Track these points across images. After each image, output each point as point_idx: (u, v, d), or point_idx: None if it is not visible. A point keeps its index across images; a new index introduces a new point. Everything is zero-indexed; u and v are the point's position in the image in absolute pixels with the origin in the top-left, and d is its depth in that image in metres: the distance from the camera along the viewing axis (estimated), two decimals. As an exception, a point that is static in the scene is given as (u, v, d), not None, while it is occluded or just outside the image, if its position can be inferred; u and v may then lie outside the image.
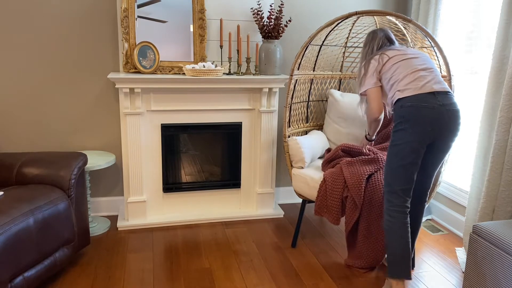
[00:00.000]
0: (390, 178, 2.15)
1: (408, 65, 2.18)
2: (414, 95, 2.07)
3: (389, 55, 2.26)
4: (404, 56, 2.23)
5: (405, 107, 2.08)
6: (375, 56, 2.30)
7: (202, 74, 2.84)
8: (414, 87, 2.09)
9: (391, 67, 2.22)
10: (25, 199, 2.13)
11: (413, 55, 2.24)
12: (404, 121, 2.08)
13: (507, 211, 2.40)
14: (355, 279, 2.45)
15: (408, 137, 2.06)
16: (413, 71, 2.14)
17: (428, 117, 2.04)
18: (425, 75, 2.13)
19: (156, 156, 3.06)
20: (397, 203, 2.14)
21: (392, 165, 2.13)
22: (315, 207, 2.62)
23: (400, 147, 2.09)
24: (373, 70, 2.28)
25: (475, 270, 2.05)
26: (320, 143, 3.00)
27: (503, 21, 2.40)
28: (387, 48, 2.34)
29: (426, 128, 2.04)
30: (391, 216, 2.15)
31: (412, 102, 2.06)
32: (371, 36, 2.43)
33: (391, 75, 2.21)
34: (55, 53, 2.93)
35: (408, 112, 2.06)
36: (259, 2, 3.06)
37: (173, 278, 2.42)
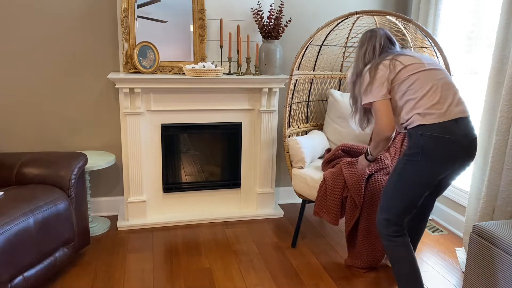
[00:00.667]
0: (392, 207, 1.98)
1: (427, 78, 1.90)
2: (438, 124, 1.82)
3: (404, 62, 1.96)
4: (421, 66, 1.94)
5: (426, 136, 1.83)
6: (385, 61, 1.98)
7: (202, 74, 2.84)
8: (437, 112, 1.84)
9: (407, 79, 1.92)
10: (25, 199, 2.14)
11: (431, 66, 1.96)
12: (422, 153, 1.84)
13: (507, 211, 2.40)
14: (355, 279, 2.45)
15: (424, 170, 1.86)
16: (434, 89, 1.88)
17: (451, 151, 1.83)
18: (447, 94, 1.88)
19: (156, 156, 3.06)
20: (395, 229, 1.99)
21: (397, 195, 1.95)
22: (315, 208, 2.61)
23: (413, 180, 1.90)
24: (384, 78, 1.95)
25: (475, 270, 2.05)
26: (320, 143, 3.00)
27: (503, 21, 2.40)
28: (396, 52, 2.05)
29: (447, 163, 1.85)
30: (391, 241, 2.01)
31: (435, 132, 1.82)
32: (368, 34, 2.14)
33: (407, 88, 1.92)
34: (55, 53, 2.93)
35: (429, 143, 1.83)
36: (259, 2, 3.06)
37: (173, 278, 2.42)
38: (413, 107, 1.89)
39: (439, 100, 1.86)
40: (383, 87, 1.95)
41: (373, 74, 1.98)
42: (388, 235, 2.01)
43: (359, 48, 2.16)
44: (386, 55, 2.03)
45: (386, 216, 2.00)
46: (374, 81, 1.97)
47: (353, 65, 2.18)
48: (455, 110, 1.86)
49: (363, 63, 2.12)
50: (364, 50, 2.12)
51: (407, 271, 1.99)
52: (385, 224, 2.01)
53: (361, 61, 2.13)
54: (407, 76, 1.92)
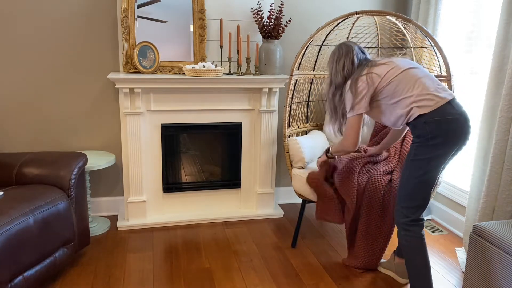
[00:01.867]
0: (412, 192, 2.06)
1: (409, 77, 2.07)
2: (436, 109, 1.98)
3: (380, 73, 2.10)
4: (397, 70, 2.09)
5: (430, 122, 1.98)
6: (362, 77, 2.12)
7: (202, 74, 2.84)
8: (431, 99, 2.00)
9: (389, 85, 2.08)
10: (25, 199, 2.13)
11: (406, 66, 2.11)
12: (432, 137, 1.98)
13: (507, 211, 2.40)
14: (355, 279, 2.45)
15: (437, 152, 1.99)
16: (419, 82, 2.04)
17: (455, 129, 1.98)
18: (431, 84, 2.05)
19: (156, 156, 3.06)
20: (415, 217, 2.07)
21: (416, 179, 2.04)
22: (317, 213, 2.61)
23: (428, 161, 2.01)
24: (364, 93, 2.11)
25: (475, 270, 2.05)
26: (320, 143, 3.00)
27: (503, 21, 2.40)
28: (370, 64, 2.17)
29: (455, 140, 1.99)
30: (407, 230, 2.08)
31: (437, 116, 1.97)
32: (344, 49, 2.25)
33: (393, 92, 2.07)
34: (55, 53, 2.93)
35: (435, 127, 1.97)
36: (259, 2, 3.06)
37: (173, 278, 2.42)
38: (408, 103, 2.04)
39: (428, 90, 2.02)
40: (364, 102, 2.11)
41: (354, 90, 2.13)
42: (406, 223, 2.08)
43: (336, 62, 2.26)
44: (362, 69, 2.17)
45: (405, 204, 2.08)
46: (356, 96, 2.12)
47: (331, 77, 2.28)
48: (444, 95, 2.02)
49: (342, 76, 2.23)
50: (342, 64, 2.23)
51: (420, 263, 2.07)
52: (404, 212, 2.08)
53: (340, 74, 2.24)
54: (387, 83, 2.08)
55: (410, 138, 2.79)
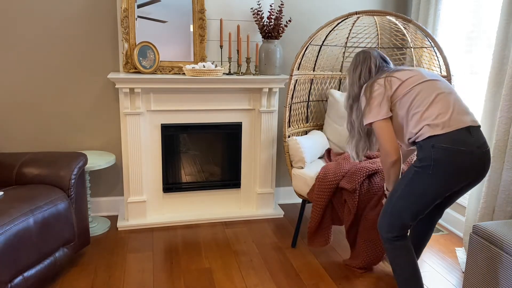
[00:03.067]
0: (396, 215, 1.92)
1: (430, 89, 1.82)
2: (449, 133, 1.73)
3: (400, 77, 1.88)
4: (421, 78, 1.86)
5: (438, 148, 1.74)
6: (379, 80, 1.91)
7: (202, 74, 2.84)
8: (447, 121, 1.75)
9: (409, 93, 1.83)
10: (25, 199, 2.13)
11: (431, 77, 1.88)
12: (434, 166, 1.75)
13: (507, 211, 2.40)
14: (355, 279, 2.45)
15: (434, 184, 1.78)
16: (439, 98, 1.79)
17: (465, 164, 1.74)
18: (454, 103, 1.80)
19: (156, 156, 3.06)
20: (397, 234, 1.94)
21: (403, 204, 1.88)
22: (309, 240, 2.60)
23: (422, 191, 1.82)
24: (381, 97, 1.86)
25: (475, 270, 2.05)
26: (320, 143, 3.00)
27: (503, 21, 2.40)
28: (391, 70, 1.96)
29: (459, 178, 1.76)
30: (392, 244, 1.96)
31: (448, 143, 1.72)
32: (362, 56, 2.05)
33: (410, 102, 1.83)
34: (55, 53, 2.93)
35: (442, 156, 1.73)
36: (259, 2, 3.06)
37: (173, 278, 2.42)
38: (420, 119, 1.81)
39: (447, 109, 1.78)
40: (382, 105, 1.88)
41: (369, 93, 1.91)
42: (389, 238, 1.98)
43: (353, 72, 2.07)
44: (380, 74, 1.96)
45: (388, 221, 1.96)
46: (371, 101, 1.90)
47: (348, 89, 2.11)
48: (465, 118, 1.78)
49: (358, 86, 2.04)
50: (358, 73, 2.04)
51: (407, 275, 1.96)
52: (387, 229, 1.97)
53: (357, 85, 2.04)
54: (408, 90, 1.85)
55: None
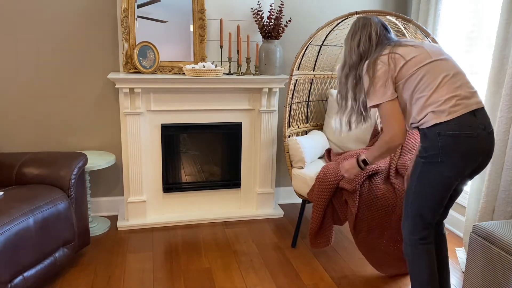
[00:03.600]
0: (416, 212, 1.84)
1: (436, 71, 1.73)
2: (455, 119, 1.67)
3: (405, 55, 1.77)
4: (426, 58, 1.76)
5: (444, 136, 1.68)
6: (382, 57, 1.79)
7: (202, 74, 2.84)
8: (452, 106, 1.69)
9: (413, 74, 1.74)
10: (25, 199, 2.14)
11: (437, 56, 1.78)
12: (442, 153, 1.70)
13: (507, 211, 2.40)
14: (355, 279, 2.45)
15: (446, 171, 1.72)
16: (445, 81, 1.71)
17: (473, 148, 1.69)
18: (459, 85, 1.73)
19: (156, 156, 3.06)
20: (423, 235, 1.86)
21: (420, 199, 1.81)
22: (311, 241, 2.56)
23: (435, 181, 1.76)
24: (386, 76, 1.77)
25: (475, 270, 2.05)
26: (320, 143, 3.00)
27: (503, 21, 2.40)
28: (393, 43, 1.84)
29: (470, 161, 1.72)
30: (416, 248, 1.88)
31: (454, 130, 1.67)
32: (361, 22, 1.91)
33: (415, 85, 1.74)
34: (55, 53, 2.93)
35: (449, 143, 1.68)
36: (259, 2, 3.06)
37: (173, 278, 2.42)
38: (424, 105, 1.73)
39: (453, 93, 1.71)
40: (388, 86, 1.77)
41: (372, 72, 1.79)
42: (413, 240, 1.88)
43: (351, 39, 1.92)
44: (382, 48, 1.83)
45: (411, 222, 1.87)
46: (375, 81, 1.78)
47: (345, 57, 1.97)
48: (470, 102, 1.71)
49: (357, 54, 1.90)
50: (357, 40, 1.89)
51: (424, 279, 1.88)
52: (411, 229, 1.87)
53: (355, 53, 1.90)
54: (412, 72, 1.75)
55: (412, 137, 2.78)
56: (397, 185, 2.45)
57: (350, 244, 2.87)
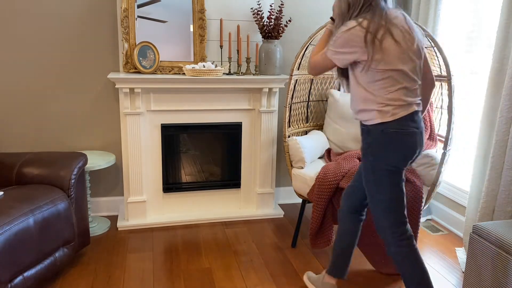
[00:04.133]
0: (384, 208, 1.90)
1: (398, 80, 1.78)
2: (397, 120, 1.79)
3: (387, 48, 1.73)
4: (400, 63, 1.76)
5: (387, 133, 1.81)
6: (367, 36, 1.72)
7: (202, 74, 2.84)
8: (396, 109, 1.80)
9: (380, 73, 1.76)
10: (25, 199, 2.14)
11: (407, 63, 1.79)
12: (386, 145, 1.84)
13: (507, 211, 2.40)
14: (355, 279, 2.45)
15: (392, 158, 1.84)
16: (400, 91, 1.78)
17: (410, 143, 1.83)
18: (411, 90, 1.81)
19: (156, 156, 3.06)
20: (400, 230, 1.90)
21: (382, 192, 1.89)
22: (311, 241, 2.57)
23: (387, 171, 1.86)
24: (350, 52, 1.76)
25: (475, 270, 2.05)
26: (320, 143, 3.00)
27: (503, 21, 2.40)
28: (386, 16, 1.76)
29: (408, 152, 1.85)
30: (398, 246, 1.90)
31: (396, 128, 1.80)
32: None
33: (374, 81, 1.79)
34: (55, 53, 2.93)
35: (392, 137, 1.81)
36: (259, 2, 3.06)
37: (173, 278, 2.42)
38: (372, 101, 1.81)
39: (401, 100, 1.79)
40: (344, 57, 1.80)
41: (345, 37, 1.76)
42: (394, 239, 1.90)
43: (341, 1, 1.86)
44: (373, 13, 1.76)
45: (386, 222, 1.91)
46: (340, 45, 1.78)
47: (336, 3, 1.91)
48: (412, 107, 1.82)
49: (346, 3, 1.84)
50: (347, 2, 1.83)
51: (418, 279, 1.90)
52: (388, 226, 1.91)
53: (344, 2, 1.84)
54: (381, 69, 1.76)
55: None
56: None
57: (350, 244, 2.87)
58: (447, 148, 2.52)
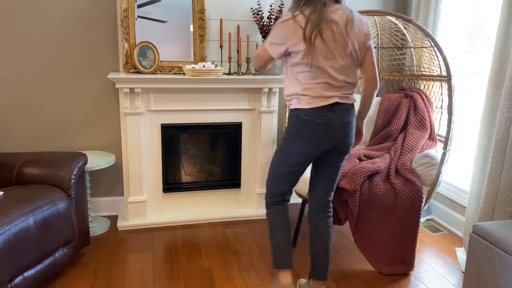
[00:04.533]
0: (270, 176, 2.08)
1: (319, 75, 1.85)
2: (313, 108, 1.87)
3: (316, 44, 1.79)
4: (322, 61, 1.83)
5: (301, 119, 1.90)
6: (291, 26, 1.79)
7: (202, 74, 2.84)
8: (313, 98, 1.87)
9: (303, 65, 1.84)
10: (25, 199, 2.14)
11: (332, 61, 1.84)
12: (297, 132, 1.93)
13: (507, 211, 2.40)
14: (355, 279, 2.45)
15: (297, 147, 1.95)
16: (320, 84, 1.86)
17: (322, 132, 1.91)
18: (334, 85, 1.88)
19: (156, 156, 3.06)
20: (274, 197, 2.09)
21: (275, 165, 2.04)
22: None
23: (288, 153, 1.98)
24: (280, 44, 1.85)
25: (475, 270, 2.05)
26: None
27: (503, 21, 2.40)
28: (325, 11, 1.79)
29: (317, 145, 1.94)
30: (269, 208, 2.11)
31: (309, 116, 1.88)
32: None
33: (297, 72, 1.88)
34: (55, 53, 2.93)
35: (304, 125, 1.90)
36: (259, 2, 3.06)
37: (173, 278, 2.42)
38: (294, 86, 1.90)
39: (321, 90, 1.87)
40: (278, 50, 1.88)
41: (279, 29, 1.84)
42: (268, 202, 2.11)
43: None
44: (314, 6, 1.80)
45: (267, 183, 2.10)
46: (274, 37, 1.87)
47: None
48: (332, 100, 1.87)
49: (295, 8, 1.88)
50: None
51: (275, 241, 2.07)
52: (267, 191, 2.11)
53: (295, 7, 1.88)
54: (305, 64, 1.84)
55: (412, 137, 2.79)
56: (397, 185, 2.45)
57: (350, 244, 2.87)
58: (447, 148, 2.52)
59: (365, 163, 2.60)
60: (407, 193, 2.43)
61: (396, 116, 2.97)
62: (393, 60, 3.37)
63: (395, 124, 2.94)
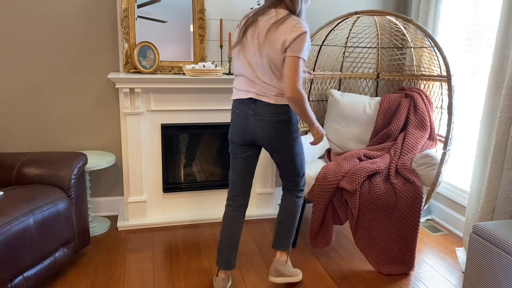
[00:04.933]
0: None
1: (240, 66, 2.07)
2: (235, 100, 2.13)
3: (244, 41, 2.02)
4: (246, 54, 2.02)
5: (232, 109, 2.16)
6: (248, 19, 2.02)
7: (202, 74, 2.84)
8: (237, 91, 2.11)
9: (236, 59, 2.09)
10: (25, 199, 2.14)
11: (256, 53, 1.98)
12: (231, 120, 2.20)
13: (507, 211, 2.40)
14: (355, 279, 2.45)
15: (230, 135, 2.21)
16: (241, 77, 2.09)
17: (240, 124, 2.12)
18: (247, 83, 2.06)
19: (156, 156, 3.06)
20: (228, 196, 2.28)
21: None
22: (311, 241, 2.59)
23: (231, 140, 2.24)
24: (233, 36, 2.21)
25: (475, 270, 2.05)
26: (320, 143, 3.00)
27: (503, 21, 2.40)
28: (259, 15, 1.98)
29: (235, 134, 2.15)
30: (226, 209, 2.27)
31: (233, 107, 2.14)
32: None
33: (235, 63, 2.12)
34: (55, 53, 2.93)
35: (232, 114, 2.17)
36: (259, 2, 3.06)
37: (173, 278, 2.42)
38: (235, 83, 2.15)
39: (241, 83, 2.07)
40: None
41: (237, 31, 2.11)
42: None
43: None
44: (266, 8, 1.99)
45: None
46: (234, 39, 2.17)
47: None
48: (250, 93, 2.04)
49: None
50: None
51: (222, 237, 2.23)
52: None
53: None
54: (236, 58, 2.08)
55: (412, 137, 2.79)
56: (397, 185, 2.45)
57: (350, 244, 2.87)
58: (447, 148, 2.52)
59: (365, 163, 2.60)
60: (407, 193, 2.43)
61: (396, 116, 2.97)
62: (393, 60, 3.37)
63: (395, 124, 2.94)
